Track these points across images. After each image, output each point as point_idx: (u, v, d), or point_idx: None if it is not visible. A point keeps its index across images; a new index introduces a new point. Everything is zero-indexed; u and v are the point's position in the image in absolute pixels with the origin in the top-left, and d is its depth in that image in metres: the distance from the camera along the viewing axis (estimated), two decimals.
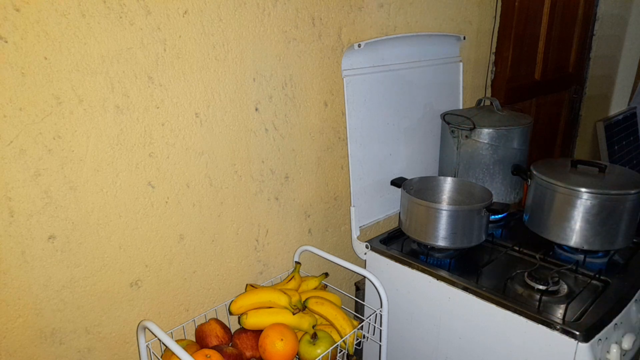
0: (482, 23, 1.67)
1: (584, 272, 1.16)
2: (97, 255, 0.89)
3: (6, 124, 0.74)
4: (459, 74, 1.57)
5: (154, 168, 0.93)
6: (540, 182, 1.24)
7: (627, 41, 2.67)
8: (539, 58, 2.03)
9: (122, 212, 0.91)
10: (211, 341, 0.99)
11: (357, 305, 1.43)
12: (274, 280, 1.24)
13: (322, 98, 1.21)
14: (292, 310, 1.02)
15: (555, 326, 0.97)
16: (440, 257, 1.24)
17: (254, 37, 1.02)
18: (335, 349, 1.02)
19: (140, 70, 0.87)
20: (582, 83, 2.45)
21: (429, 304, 1.19)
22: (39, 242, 0.82)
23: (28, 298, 0.83)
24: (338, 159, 1.31)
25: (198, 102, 0.96)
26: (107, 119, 0.85)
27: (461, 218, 1.19)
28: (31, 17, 0.73)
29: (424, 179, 1.37)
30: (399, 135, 1.40)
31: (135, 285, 0.97)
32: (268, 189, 1.15)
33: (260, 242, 1.18)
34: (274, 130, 1.12)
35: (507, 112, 1.44)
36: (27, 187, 0.78)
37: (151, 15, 0.86)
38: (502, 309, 1.04)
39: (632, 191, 1.13)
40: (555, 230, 1.21)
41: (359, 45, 1.18)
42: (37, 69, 0.75)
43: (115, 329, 0.96)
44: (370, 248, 1.30)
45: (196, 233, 1.04)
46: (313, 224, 1.30)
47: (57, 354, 0.89)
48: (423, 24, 1.44)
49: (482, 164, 1.40)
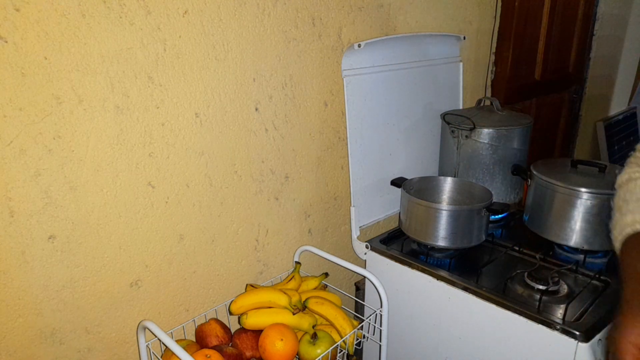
0: (482, 23, 1.67)
1: (584, 272, 1.16)
2: (97, 255, 0.89)
3: (6, 124, 0.74)
4: (459, 74, 1.57)
5: (154, 168, 0.93)
6: (540, 182, 1.24)
7: (627, 41, 2.67)
8: (539, 58, 2.03)
9: (122, 212, 0.91)
10: (211, 341, 0.99)
11: (357, 305, 1.42)
12: (274, 280, 1.24)
13: (322, 98, 1.21)
14: (292, 310, 1.02)
15: (555, 326, 0.97)
16: (440, 257, 1.24)
17: (254, 37, 1.02)
18: (335, 349, 1.02)
19: (140, 70, 0.87)
20: (582, 83, 2.45)
21: (429, 304, 1.19)
22: (39, 242, 0.82)
23: (28, 298, 0.83)
24: (338, 159, 1.31)
25: (198, 102, 0.96)
26: (107, 119, 0.85)
27: (461, 218, 1.19)
28: (31, 17, 0.73)
29: (424, 179, 1.37)
30: (399, 135, 1.40)
31: (135, 285, 0.97)
32: (268, 189, 1.15)
33: (260, 242, 1.18)
34: (274, 130, 1.12)
35: (507, 112, 1.44)
36: (27, 187, 0.78)
37: (151, 15, 0.86)
38: (502, 309, 1.04)
39: None
40: (555, 230, 1.21)
41: (359, 45, 1.18)
42: (37, 69, 0.75)
43: (115, 329, 0.96)
44: (370, 248, 1.30)
45: (196, 233, 1.04)
46: (313, 224, 1.30)
47: (57, 354, 0.89)
48: (423, 24, 1.43)
49: (482, 164, 1.40)
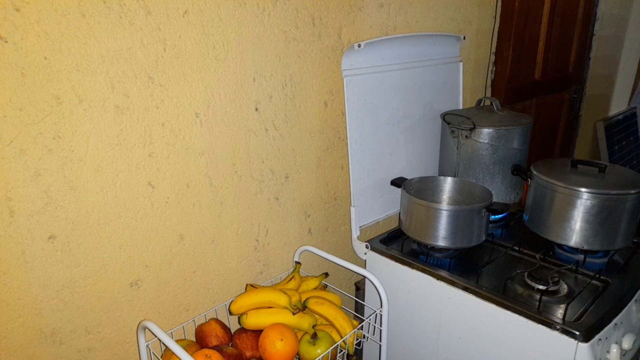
0: (482, 23, 1.67)
1: (584, 272, 1.16)
2: (97, 255, 0.89)
3: (6, 124, 0.74)
4: (459, 74, 1.57)
5: (154, 168, 0.93)
6: (540, 182, 1.24)
7: (627, 41, 2.67)
8: (539, 58, 2.03)
9: (122, 212, 0.91)
10: (211, 341, 0.99)
11: (357, 305, 1.42)
12: (274, 280, 1.24)
13: (322, 98, 1.21)
14: (292, 310, 1.02)
15: (555, 326, 0.97)
16: (440, 257, 1.24)
17: (254, 37, 1.02)
18: (335, 349, 1.02)
19: (140, 70, 0.87)
20: (582, 83, 2.45)
21: (429, 304, 1.19)
22: (39, 242, 0.82)
23: (28, 298, 0.83)
24: (338, 159, 1.31)
25: (198, 102, 0.96)
26: (107, 119, 0.85)
27: (461, 218, 1.19)
28: (31, 17, 0.73)
29: (424, 179, 1.37)
30: (399, 135, 1.40)
31: (135, 285, 0.97)
32: (268, 189, 1.15)
33: (260, 242, 1.18)
34: (274, 130, 1.12)
35: (507, 112, 1.44)
36: (27, 187, 0.78)
37: (151, 15, 0.86)
38: (502, 309, 1.04)
39: (632, 191, 1.13)
40: (555, 230, 1.21)
41: (359, 45, 1.18)
42: (37, 69, 0.75)
43: (115, 329, 0.96)
44: (370, 248, 1.30)
45: (196, 233, 1.04)
46: (313, 224, 1.30)
47: (57, 354, 0.89)
48: (423, 24, 1.43)
49: (482, 164, 1.40)
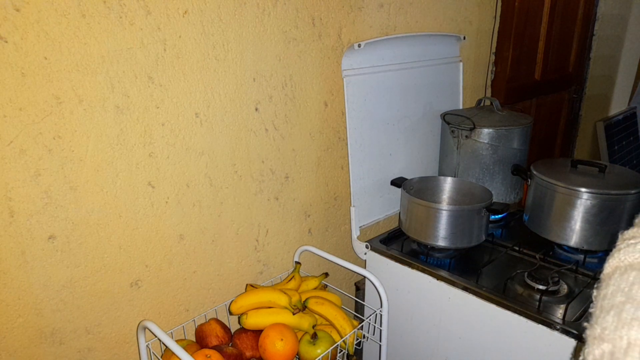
0: (482, 23, 1.67)
1: (584, 272, 1.16)
2: (97, 255, 0.89)
3: (6, 124, 0.74)
4: (459, 74, 1.57)
5: (154, 168, 0.93)
6: (540, 182, 1.24)
7: (627, 41, 2.67)
8: (539, 58, 2.03)
9: (122, 212, 0.91)
10: (211, 341, 0.99)
11: (357, 305, 1.42)
12: (274, 280, 1.24)
13: (322, 98, 1.21)
14: (292, 310, 1.02)
15: (555, 326, 0.97)
16: (440, 257, 1.24)
17: (253, 37, 1.02)
18: (335, 349, 1.02)
19: (140, 70, 0.87)
20: (582, 83, 2.45)
21: (429, 304, 1.19)
22: (39, 242, 0.82)
23: (28, 298, 0.83)
24: (338, 159, 1.31)
25: (198, 102, 0.96)
26: (107, 119, 0.85)
27: (461, 218, 1.19)
28: (31, 17, 0.73)
29: (424, 179, 1.37)
30: (399, 135, 1.40)
31: (135, 285, 0.97)
32: (268, 189, 1.15)
33: (260, 242, 1.18)
34: (274, 130, 1.12)
35: (507, 112, 1.44)
36: (27, 187, 0.78)
37: (151, 15, 0.86)
38: (502, 309, 1.04)
39: (632, 191, 1.13)
40: (555, 230, 1.21)
41: (359, 45, 1.18)
42: (37, 69, 0.75)
43: (115, 329, 0.96)
44: (370, 248, 1.30)
45: (196, 233, 1.04)
46: (313, 224, 1.30)
47: (57, 354, 0.89)
48: (423, 24, 1.43)
49: (482, 164, 1.40)
